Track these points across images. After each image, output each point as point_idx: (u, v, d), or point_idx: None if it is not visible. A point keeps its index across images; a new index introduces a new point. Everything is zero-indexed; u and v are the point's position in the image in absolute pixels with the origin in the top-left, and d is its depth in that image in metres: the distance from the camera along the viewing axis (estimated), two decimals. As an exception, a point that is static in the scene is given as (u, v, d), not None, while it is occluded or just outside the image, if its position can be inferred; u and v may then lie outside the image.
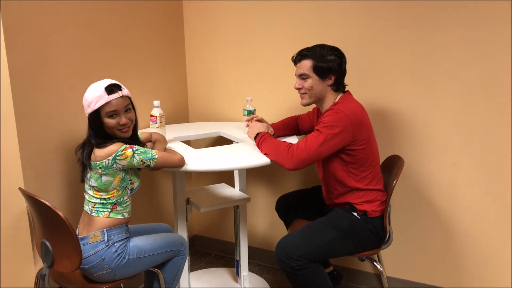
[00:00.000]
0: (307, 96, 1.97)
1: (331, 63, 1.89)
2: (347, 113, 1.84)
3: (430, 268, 2.37)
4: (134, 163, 1.68)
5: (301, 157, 1.82)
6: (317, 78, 1.92)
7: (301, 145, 1.83)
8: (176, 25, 2.72)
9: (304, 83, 1.95)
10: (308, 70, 1.92)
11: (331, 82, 1.92)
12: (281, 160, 1.84)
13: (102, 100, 1.67)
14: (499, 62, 2.02)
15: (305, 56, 1.93)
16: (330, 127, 1.82)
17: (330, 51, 1.91)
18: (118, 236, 1.73)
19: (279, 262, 1.85)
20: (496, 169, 2.12)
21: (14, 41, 1.74)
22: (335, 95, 1.96)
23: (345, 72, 1.96)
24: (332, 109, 1.88)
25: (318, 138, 1.82)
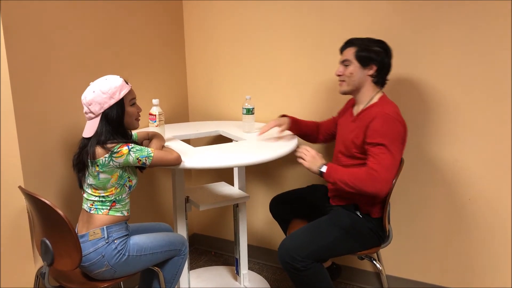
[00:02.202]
0: (346, 84, 1.96)
1: (374, 54, 1.89)
2: (397, 118, 1.84)
3: (429, 266, 2.38)
4: (130, 160, 1.68)
5: (387, 177, 1.79)
6: (358, 65, 1.91)
7: (376, 166, 1.79)
8: (176, 24, 2.72)
9: (345, 69, 1.94)
10: (350, 56, 1.92)
11: (372, 72, 1.91)
12: (368, 188, 1.79)
13: (126, 89, 1.71)
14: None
15: (350, 44, 1.95)
16: (391, 135, 1.81)
17: (375, 43, 1.92)
18: (118, 233, 1.73)
19: (282, 264, 1.85)
20: (496, 168, 2.12)
21: (14, 40, 1.74)
22: (374, 89, 1.95)
23: (388, 66, 1.94)
24: (380, 116, 1.83)
25: (389, 151, 1.79)
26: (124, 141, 1.70)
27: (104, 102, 1.67)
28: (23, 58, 1.79)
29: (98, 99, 1.66)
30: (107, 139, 1.67)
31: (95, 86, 1.68)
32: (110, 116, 1.68)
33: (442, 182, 2.25)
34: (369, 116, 1.87)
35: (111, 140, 1.68)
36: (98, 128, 1.68)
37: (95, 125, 1.68)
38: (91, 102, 1.67)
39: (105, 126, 1.68)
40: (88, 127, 1.70)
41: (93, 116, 1.68)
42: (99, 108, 1.67)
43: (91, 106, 1.67)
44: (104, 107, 1.67)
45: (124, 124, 1.74)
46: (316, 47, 2.41)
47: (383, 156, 1.80)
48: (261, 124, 2.55)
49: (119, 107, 1.70)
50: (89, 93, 1.68)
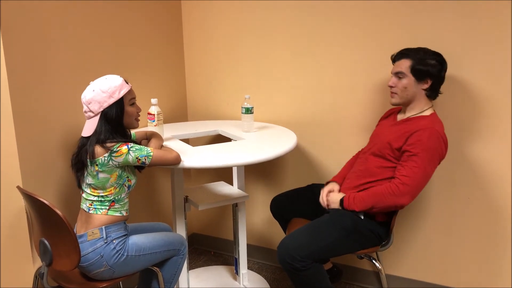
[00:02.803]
0: (398, 96, 1.93)
1: (430, 67, 1.85)
2: (444, 138, 1.84)
3: (429, 265, 2.38)
4: (130, 160, 1.68)
5: (414, 192, 1.82)
6: (413, 79, 1.87)
7: (407, 179, 1.80)
8: (175, 24, 2.72)
9: (398, 82, 1.91)
10: (405, 69, 1.88)
11: (427, 87, 1.88)
12: (393, 203, 1.83)
13: (126, 88, 1.71)
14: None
15: (405, 55, 1.90)
16: (433, 152, 1.81)
17: (432, 56, 1.87)
18: (116, 233, 1.73)
19: (282, 263, 1.84)
20: (495, 167, 2.12)
21: (12, 39, 1.74)
22: (426, 102, 1.92)
23: (443, 79, 1.91)
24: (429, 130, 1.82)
25: (424, 166, 1.80)
26: (124, 141, 1.70)
27: (103, 101, 1.66)
28: (22, 58, 1.78)
29: (97, 98, 1.66)
30: (106, 138, 1.67)
31: (95, 85, 1.68)
32: (109, 115, 1.68)
33: (441, 181, 2.25)
34: (417, 126, 1.85)
35: (110, 140, 1.67)
36: (97, 127, 1.67)
37: (94, 124, 1.67)
38: (90, 101, 1.67)
39: (104, 125, 1.68)
40: (87, 126, 1.70)
41: (92, 115, 1.68)
42: (98, 107, 1.67)
43: (90, 105, 1.67)
44: (104, 106, 1.67)
45: (123, 123, 1.74)
46: (316, 47, 2.40)
47: (416, 170, 1.81)
48: (260, 123, 2.56)
49: (118, 106, 1.69)
50: (88, 92, 1.68)
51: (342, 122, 2.42)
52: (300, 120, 2.53)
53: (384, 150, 1.93)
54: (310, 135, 2.52)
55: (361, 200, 1.89)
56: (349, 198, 1.92)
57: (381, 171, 1.93)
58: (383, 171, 1.93)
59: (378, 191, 1.87)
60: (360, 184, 1.97)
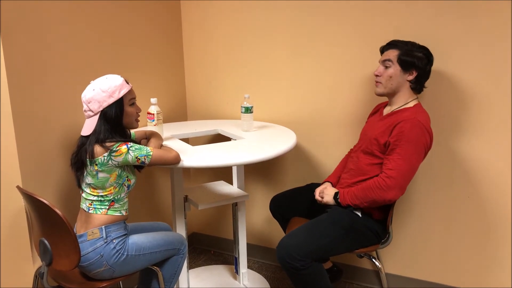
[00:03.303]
0: (382, 86, 1.94)
1: (416, 60, 1.87)
2: (427, 128, 1.84)
3: (429, 264, 2.38)
4: (129, 159, 1.68)
5: (402, 184, 1.82)
6: (399, 68, 1.90)
7: (392, 172, 1.81)
8: (174, 24, 2.71)
9: (385, 71, 1.93)
10: (393, 57, 1.90)
11: (412, 78, 1.90)
12: (380, 197, 1.84)
13: (126, 88, 1.72)
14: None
15: (393, 46, 1.93)
16: (417, 143, 1.81)
17: (419, 48, 1.90)
18: (116, 232, 1.73)
19: (281, 263, 1.84)
20: (495, 165, 2.12)
21: (12, 39, 1.73)
22: (410, 94, 1.94)
23: (428, 73, 1.93)
24: (412, 121, 1.82)
25: (408, 158, 1.80)
26: (123, 140, 1.70)
27: (103, 101, 1.67)
28: (21, 57, 1.78)
29: (97, 97, 1.66)
30: (105, 138, 1.67)
31: (95, 85, 1.69)
32: (108, 114, 1.68)
33: (440, 179, 2.25)
34: (400, 118, 1.86)
35: (110, 139, 1.68)
36: (97, 127, 1.67)
37: (94, 123, 1.68)
38: (90, 100, 1.67)
39: (104, 124, 1.68)
40: (87, 125, 1.70)
41: (92, 114, 1.68)
42: (98, 106, 1.67)
43: (90, 104, 1.67)
44: (103, 106, 1.67)
45: (122, 123, 1.74)
46: (315, 46, 2.40)
47: (400, 162, 1.81)
48: (260, 123, 2.56)
49: (118, 106, 1.70)
50: (89, 91, 1.68)
51: (341, 121, 2.42)
52: (299, 120, 2.53)
53: (372, 146, 1.94)
54: (309, 134, 2.52)
55: (352, 195, 1.91)
56: (344, 192, 1.95)
57: (372, 168, 1.94)
58: (373, 168, 1.94)
59: (367, 185, 1.88)
60: (353, 182, 1.99)
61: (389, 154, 1.86)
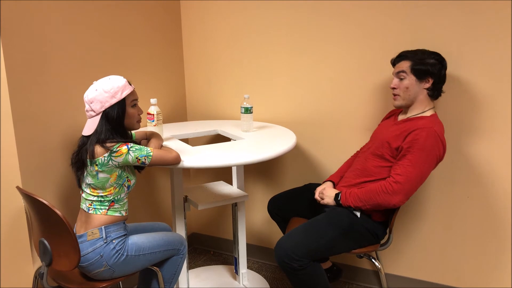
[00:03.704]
0: (401, 98, 1.93)
1: (430, 66, 1.86)
2: (442, 139, 1.83)
3: (428, 264, 2.38)
4: (129, 160, 1.68)
5: (408, 191, 1.82)
6: (414, 78, 1.88)
7: (400, 178, 1.81)
8: (174, 24, 2.72)
9: (400, 83, 1.91)
10: (406, 69, 1.89)
11: (428, 86, 1.89)
12: (385, 201, 1.83)
13: (128, 89, 1.72)
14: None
15: (404, 57, 1.92)
16: (429, 152, 1.80)
17: (430, 55, 1.89)
18: (116, 233, 1.73)
19: (280, 263, 1.84)
20: (495, 166, 2.13)
21: (12, 38, 1.73)
22: (428, 102, 1.92)
23: (444, 78, 1.92)
24: (428, 130, 1.81)
25: (418, 166, 1.80)
26: (123, 141, 1.70)
27: (105, 101, 1.67)
28: (21, 58, 1.78)
29: (99, 97, 1.67)
30: (106, 138, 1.67)
31: (98, 85, 1.69)
32: (110, 115, 1.69)
33: (440, 180, 2.25)
34: (416, 125, 1.85)
35: (111, 139, 1.68)
36: (98, 127, 1.68)
37: (95, 123, 1.68)
38: (92, 100, 1.67)
39: (105, 125, 1.68)
40: (88, 125, 1.70)
41: (94, 114, 1.69)
42: (100, 106, 1.67)
43: (92, 104, 1.68)
44: (105, 106, 1.68)
45: (124, 124, 1.74)
46: (314, 46, 2.41)
47: (410, 169, 1.81)
48: (260, 123, 2.56)
49: (120, 107, 1.70)
50: (91, 91, 1.69)
51: (341, 121, 2.42)
52: (299, 120, 2.54)
53: (383, 149, 1.93)
54: (309, 134, 2.53)
55: (356, 197, 1.90)
56: (346, 193, 1.93)
57: (379, 170, 1.93)
58: (381, 171, 1.93)
59: (372, 188, 1.87)
60: (358, 183, 1.98)
61: (399, 159, 1.85)
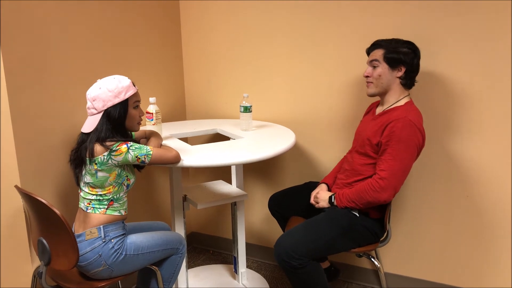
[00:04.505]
0: (374, 85, 1.94)
1: (403, 55, 1.87)
2: (419, 127, 1.83)
3: (428, 264, 2.38)
4: (129, 158, 1.68)
5: (395, 185, 1.83)
6: (387, 67, 1.89)
7: (385, 173, 1.82)
8: (173, 23, 2.71)
9: (373, 71, 1.93)
10: (379, 57, 1.90)
11: (401, 74, 1.90)
12: (374, 199, 1.84)
13: (132, 90, 1.72)
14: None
15: (378, 46, 1.93)
16: (408, 142, 1.80)
17: (404, 44, 1.90)
18: (114, 232, 1.73)
19: (279, 261, 1.84)
20: (494, 164, 2.12)
21: (10, 38, 1.73)
22: (401, 91, 1.93)
23: (417, 67, 1.92)
24: (402, 120, 1.81)
25: (400, 158, 1.80)
26: (123, 139, 1.70)
27: (108, 100, 1.67)
28: (20, 57, 1.78)
29: (102, 96, 1.67)
30: (106, 137, 1.67)
31: (102, 83, 1.69)
32: (112, 114, 1.68)
33: (439, 179, 2.25)
34: (391, 117, 1.86)
35: (110, 138, 1.67)
36: (99, 125, 1.68)
37: (96, 121, 1.68)
38: (95, 98, 1.67)
39: (106, 123, 1.68)
40: (88, 122, 1.70)
41: (95, 112, 1.69)
42: (102, 105, 1.67)
43: (94, 102, 1.68)
44: (107, 105, 1.67)
45: (125, 124, 1.74)
46: (313, 46, 2.40)
47: (392, 163, 1.81)
48: (259, 122, 2.56)
49: (122, 107, 1.70)
50: (95, 89, 1.69)
51: (340, 120, 2.42)
52: (298, 119, 2.53)
53: (365, 147, 1.94)
54: (308, 133, 2.52)
55: (347, 197, 1.91)
56: (339, 195, 1.95)
57: (366, 168, 1.95)
58: (367, 169, 1.94)
59: (360, 187, 1.89)
60: (349, 183, 1.99)
61: (381, 155, 1.86)
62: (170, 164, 1.78)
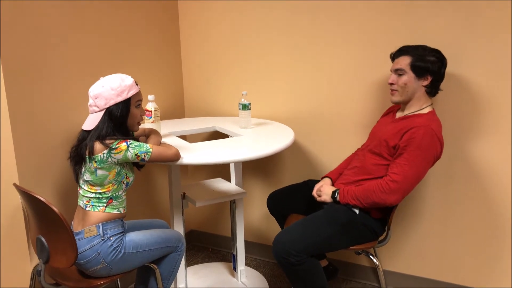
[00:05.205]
0: (399, 94, 1.92)
1: (430, 64, 1.84)
2: (439, 137, 1.82)
3: (427, 261, 2.38)
4: (129, 156, 1.67)
5: (405, 189, 1.82)
6: (413, 75, 1.87)
7: (397, 177, 1.81)
8: (172, 21, 2.70)
9: (398, 79, 1.90)
10: (405, 66, 1.87)
11: (427, 83, 1.87)
12: (381, 200, 1.83)
13: (134, 89, 1.72)
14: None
15: (404, 52, 1.90)
16: (427, 150, 1.79)
17: (431, 52, 1.87)
18: (113, 230, 1.72)
19: (277, 258, 1.84)
20: (494, 164, 2.13)
21: (8, 35, 1.72)
22: (426, 99, 1.91)
23: (443, 76, 1.90)
24: (425, 128, 1.80)
25: (415, 165, 1.79)
26: (123, 137, 1.69)
27: (110, 98, 1.67)
28: (17, 54, 1.77)
29: (105, 94, 1.67)
30: (107, 135, 1.67)
31: (105, 81, 1.69)
32: (114, 113, 1.68)
33: (439, 177, 2.25)
34: (413, 123, 1.84)
35: (111, 136, 1.67)
36: (100, 123, 1.67)
37: (97, 119, 1.68)
38: (98, 95, 1.67)
39: (107, 122, 1.68)
40: (90, 120, 1.70)
41: (97, 110, 1.68)
42: (104, 103, 1.67)
43: (97, 100, 1.67)
44: (110, 103, 1.67)
45: (127, 123, 1.74)
46: (313, 43, 2.40)
47: (407, 168, 1.80)
48: (258, 120, 2.56)
49: (124, 106, 1.70)
50: (97, 87, 1.68)
51: (339, 118, 2.42)
52: (297, 117, 2.53)
53: (381, 147, 1.93)
54: (307, 131, 2.52)
55: (353, 195, 1.90)
56: (343, 191, 1.93)
57: (377, 168, 1.93)
58: (379, 169, 1.93)
59: (369, 187, 1.87)
60: (356, 180, 1.98)
61: (396, 158, 1.85)
62: (169, 162, 1.78)
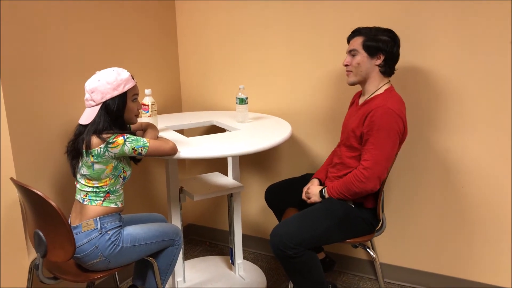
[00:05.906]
0: (353, 74, 1.94)
1: (382, 43, 1.86)
2: (399, 114, 1.82)
3: (423, 254, 2.40)
4: (126, 151, 1.67)
5: (379, 174, 1.83)
6: (365, 55, 1.89)
7: (368, 163, 1.82)
8: (169, 15, 2.69)
9: (352, 60, 1.92)
10: (358, 46, 1.90)
11: (380, 62, 1.89)
12: (361, 189, 1.85)
13: (131, 83, 1.72)
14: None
15: (357, 33, 1.93)
16: (388, 129, 1.80)
17: (383, 32, 1.89)
18: (111, 224, 1.73)
19: (275, 251, 1.85)
20: (492, 157, 2.13)
21: (5, 31, 1.72)
22: (381, 78, 1.93)
23: (396, 55, 1.92)
24: (381, 109, 1.80)
25: (381, 146, 1.80)
26: (120, 132, 1.69)
27: (106, 92, 1.66)
28: (14, 49, 1.76)
29: (101, 88, 1.66)
30: (104, 129, 1.66)
31: (101, 75, 1.68)
32: (110, 107, 1.68)
33: (435, 169, 2.26)
34: (371, 107, 1.85)
35: (107, 131, 1.67)
36: (96, 117, 1.67)
37: (94, 113, 1.67)
38: (94, 90, 1.67)
39: (104, 116, 1.68)
40: (86, 114, 1.69)
41: (93, 104, 1.68)
42: (100, 97, 1.67)
43: (93, 94, 1.67)
44: (106, 98, 1.67)
45: (123, 117, 1.74)
46: (309, 37, 2.40)
47: (374, 152, 1.82)
48: (255, 114, 2.56)
49: (120, 100, 1.70)
50: (93, 81, 1.68)
51: (336, 112, 2.42)
52: (294, 111, 2.53)
53: (350, 139, 1.94)
54: (304, 125, 2.52)
55: (337, 190, 1.92)
56: (328, 188, 1.96)
57: (353, 161, 1.95)
58: (354, 161, 1.95)
59: (347, 179, 1.89)
60: (340, 176, 2.00)
61: (364, 145, 1.87)
62: (167, 156, 1.78)
